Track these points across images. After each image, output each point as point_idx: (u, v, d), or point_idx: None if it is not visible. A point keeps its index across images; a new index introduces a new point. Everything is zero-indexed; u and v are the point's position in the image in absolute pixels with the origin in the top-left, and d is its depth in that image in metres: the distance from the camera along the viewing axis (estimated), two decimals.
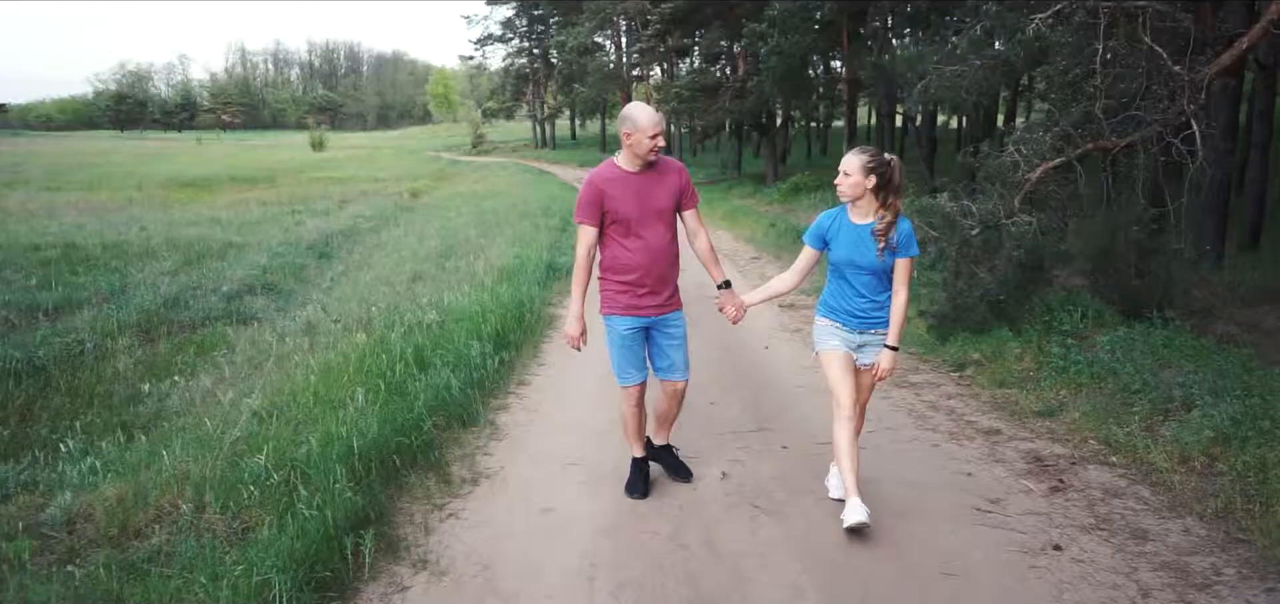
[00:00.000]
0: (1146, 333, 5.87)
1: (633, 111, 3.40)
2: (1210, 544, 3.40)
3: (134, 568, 2.98)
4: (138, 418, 5.34)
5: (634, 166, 3.47)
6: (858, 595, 3.01)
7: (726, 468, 4.08)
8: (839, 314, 3.50)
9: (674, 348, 3.66)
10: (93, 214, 24.02)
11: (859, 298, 3.44)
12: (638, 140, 3.39)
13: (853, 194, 3.35)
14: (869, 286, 3.42)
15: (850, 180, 3.33)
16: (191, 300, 9.57)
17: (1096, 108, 6.69)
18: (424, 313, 6.65)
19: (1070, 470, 4.19)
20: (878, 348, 3.48)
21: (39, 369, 6.17)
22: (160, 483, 3.64)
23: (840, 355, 3.50)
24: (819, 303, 3.63)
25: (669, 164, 3.58)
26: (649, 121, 3.38)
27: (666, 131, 3.64)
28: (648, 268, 3.51)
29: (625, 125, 3.42)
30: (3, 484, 4.02)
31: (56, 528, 3.50)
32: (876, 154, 3.36)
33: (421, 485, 3.71)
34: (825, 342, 3.54)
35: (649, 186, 3.48)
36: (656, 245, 3.50)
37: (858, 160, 3.34)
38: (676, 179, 3.56)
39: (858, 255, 3.38)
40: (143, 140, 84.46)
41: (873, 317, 3.45)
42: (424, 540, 3.22)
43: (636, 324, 3.58)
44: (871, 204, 3.36)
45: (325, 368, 5.08)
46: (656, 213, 3.49)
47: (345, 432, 3.71)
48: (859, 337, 3.49)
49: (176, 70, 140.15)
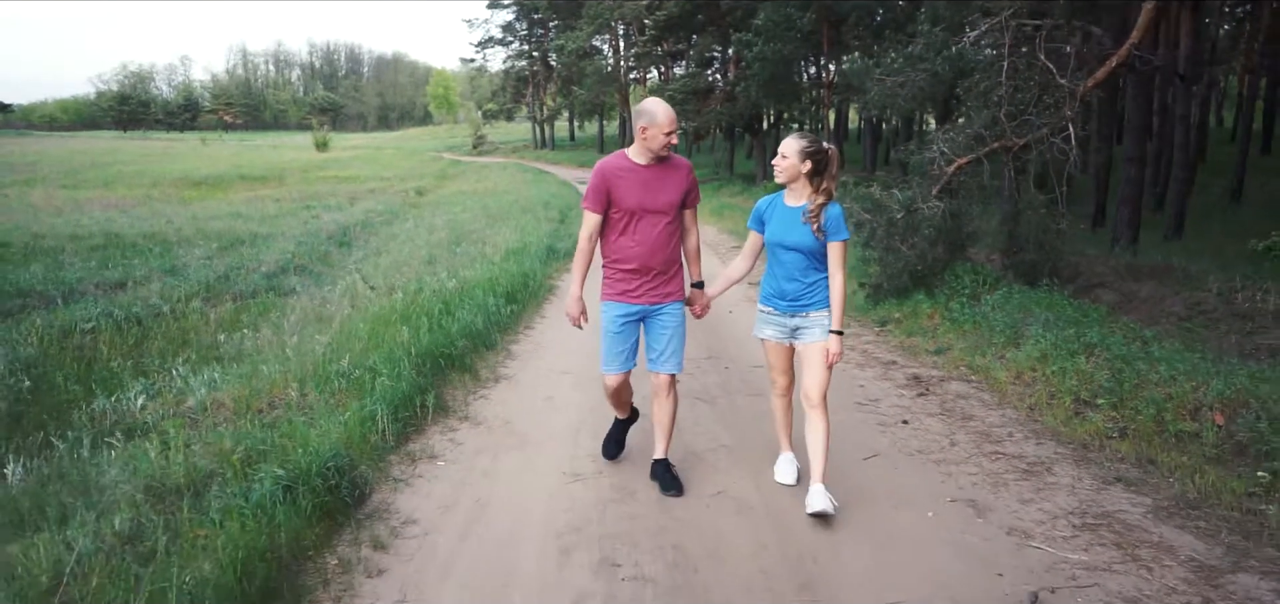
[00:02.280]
0: (1032, 295, 7.30)
1: (650, 106, 3.46)
2: (1016, 423, 4.84)
3: (268, 424, 4.41)
4: (224, 355, 6.76)
5: (644, 160, 3.53)
6: (755, 438, 4.44)
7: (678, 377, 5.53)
8: (772, 299, 3.61)
9: (664, 338, 3.70)
10: (116, 210, 25.43)
11: (790, 281, 3.52)
12: (654, 135, 3.44)
13: (787, 176, 3.45)
14: (799, 267, 3.49)
15: (786, 163, 3.42)
16: (237, 278, 10.99)
17: (1001, 113, 8.15)
18: (445, 282, 8.09)
19: (937, 384, 5.65)
20: (814, 330, 3.54)
21: (137, 321, 7.60)
22: (269, 383, 5.07)
23: (774, 344, 3.69)
24: (760, 288, 3.75)
25: (678, 161, 3.64)
26: (666, 117, 3.44)
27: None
28: (646, 259, 3.57)
29: (642, 119, 3.46)
30: (145, 389, 5.44)
31: (198, 412, 4.93)
32: (815, 140, 3.45)
33: (459, 381, 5.19)
34: (762, 329, 3.72)
35: (656, 180, 3.53)
36: (656, 239, 3.56)
37: (796, 145, 3.42)
38: (684, 177, 3.62)
39: (787, 235, 3.47)
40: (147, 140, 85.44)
41: (804, 299, 3.52)
42: (464, 407, 4.70)
43: (629, 312, 3.66)
44: (805, 188, 3.45)
45: (374, 316, 6.52)
46: (661, 207, 3.54)
47: (403, 345, 5.16)
48: (792, 320, 3.57)
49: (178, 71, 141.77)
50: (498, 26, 58.20)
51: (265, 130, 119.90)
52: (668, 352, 3.71)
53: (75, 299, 9.03)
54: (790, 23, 21.97)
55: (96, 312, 7.82)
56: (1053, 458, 4.27)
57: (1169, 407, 4.45)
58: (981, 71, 8.53)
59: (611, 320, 3.68)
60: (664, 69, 40.96)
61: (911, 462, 4.24)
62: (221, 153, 61.83)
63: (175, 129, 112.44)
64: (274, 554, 2.77)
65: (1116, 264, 9.83)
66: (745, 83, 24.33)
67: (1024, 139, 8.01)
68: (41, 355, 6.38)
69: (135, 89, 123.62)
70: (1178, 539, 3.37)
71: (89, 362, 6.35)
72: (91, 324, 7.28)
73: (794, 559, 3.19)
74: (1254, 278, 7.75)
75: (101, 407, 5.27)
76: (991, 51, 8.58)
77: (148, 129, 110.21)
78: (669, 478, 3.84)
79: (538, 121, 60.39)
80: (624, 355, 3.73)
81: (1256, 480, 3.74)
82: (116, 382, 5.81)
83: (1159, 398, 4.54)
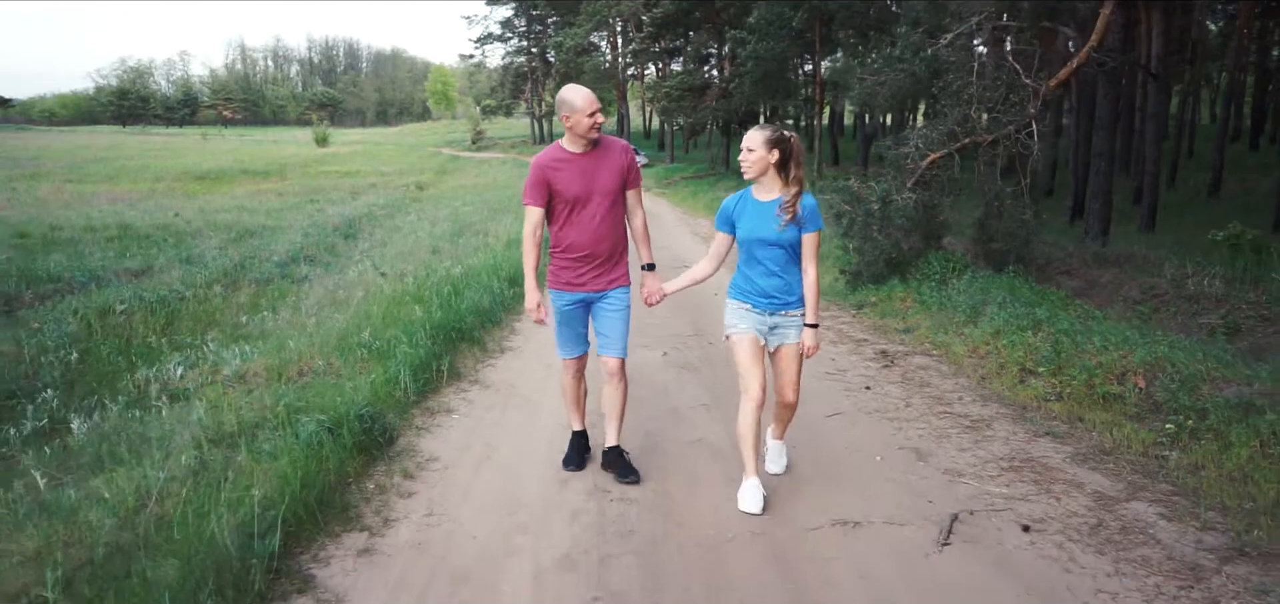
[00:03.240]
0: (996, 279, 7.87)
1: (566, 95, 3.47)
2: (967, 389, 5.42)
3: (301, 387, 4.98)
4: (249, 334, 7.32)
5: (578, 148, 3.52)
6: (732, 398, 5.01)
7: (667, 350, 6.11)
8: (749, 296, 3.49)
9: (611, 324, 3.73)
10: (124, 203, 25.92)
11: (770, 277, 3.42)
12: (577, 121, 3.44)
13: (757, 170, 3.36)
14: (778, 262, 3.41)
15: (754, 156, 3.35)
16: (251, 266, 11.55)
17: (971, 111, 8.73)
18: (451, 268, 8.65)
19: (902, 358, 6.22)
20: (790, 331, 3.50)
21: (164, 303, 8.16)
22: (296, 353, 5.63)
23: (749, 339, 3.49)
24: (730, 286, 3.61)
25: (614, 144, 3.63)
26: (583, 101, 3.43)
27: (659, 128, 4.54)
28: (593, 246, 3.57)
29: (562, 109, 3.47)
30: (182, 361, 6.00)
31: (234, 379, 5.50)
32: (777, 129, 3.40)
33: (469, 351, 5.77)
34: (736, 325, 3.53)
35: (593, 166, 3.52)
36: (601, 225, 3.56)
37: (760, 136, 3.36)
38: (621, 158, 3.60)
39: (763, 231, 3.38)
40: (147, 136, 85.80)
41: (783, 297, 3.45)
42: (475, 373, 5.29)
43: (576, 299, 3.68)
44: (774, 180, 3.39)
45: (389, 297, 7.09)
46: (602, 192, 3.54)
47: (418, 320, 5.73)
48: (770, 318, 3.48)
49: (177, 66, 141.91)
50: (497, 23, 58.80)
51: (264, 126, 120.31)
52: (614, 335, 3.74)
53: (102, 285, 9.59)
54: (783, 21, 22.54)
55: (127, 295, 8.39)
56: (994, 417, 4.85)
57: (1099, 373, 5.03)
58: (954, 72, 9.10)
59: (561, 308, 3.73)
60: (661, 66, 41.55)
61: (869, 419, 4.82)
62: (222, 148, 62.27)
63: (174, 124, 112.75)
64: (323, 477, 3.34)
65: (1083, 253, 10.43)
66: (739, 80, 24.89)
67: (992, 135, 8.60)
68: (84, 332, 6.93)
69: (134, 84, 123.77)
70: (1088, 477, 3.94)
71: (127, 338, 6.91)
72: (124, 306, 7.84)
73: None
74: (1206, 265, 8.33)
75: (144, 376, 5.84)
76: (963, 53, 9.16)
77: (147, 124, 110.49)
78: (623, 465, 3.83)
79: (536, 117, 60.92)
80: (576, 339, 3.81)
81: (1163, 431, 4.31)
82: (154, 355, 6.37)
83: (1091, 365, 5.12)
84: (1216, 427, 4.14)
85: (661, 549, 3.22)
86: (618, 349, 3.77)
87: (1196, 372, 4.66)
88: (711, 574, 3.04)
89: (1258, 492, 3.62)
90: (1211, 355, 4.88)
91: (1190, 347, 5.05)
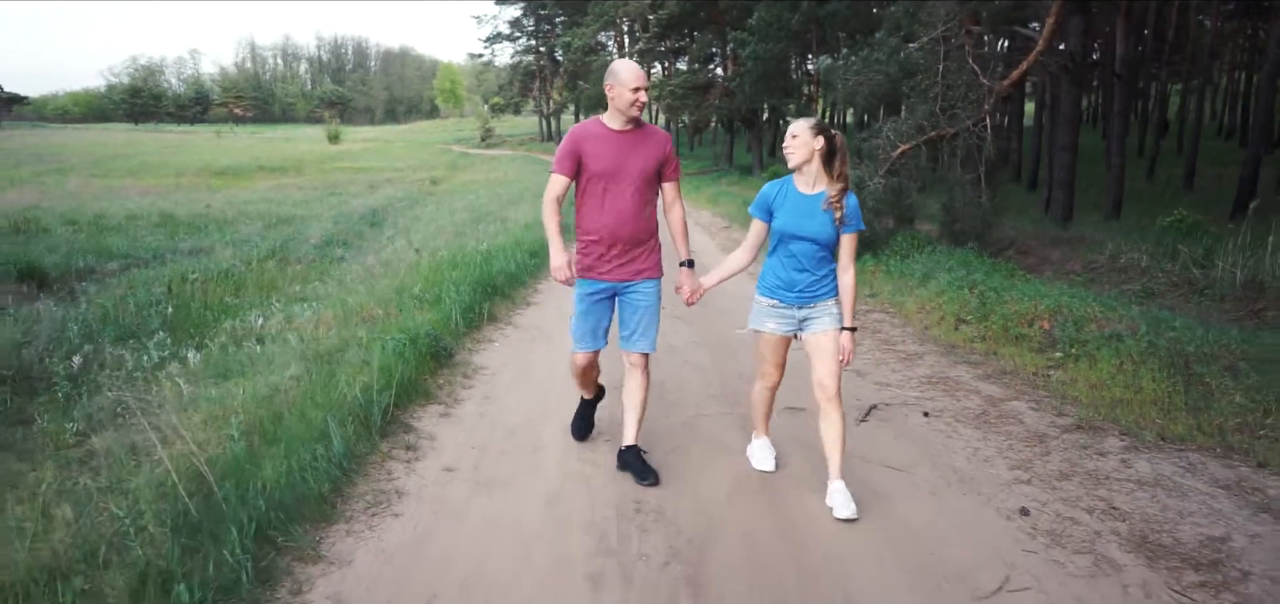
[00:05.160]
0: (953, 254, 9.03)
1: (615, 66, 3.37)
2: (911, 335, 6.60)
3: (369, 327, 6.18)
4: (308, 296, 8.53)
5: (618, 124, 3.43)
6: (713, 341, 6.20)
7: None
8: (778, 290, 3.39)
9: (637, 317, 3.57)
10: (153, 196, 27.18)
11: (802, 272, 3.33)
12: (619, 94, 3.34)
13: (803, 156, 3.26)
14: (811, 258, 3.31)
15: (799, 142, 3.26)
16: (292, 248, 12.77)
17: (936, 107, 9.90)
18: (478, 244, 9.86)
19: (862, 314, 7.39)
20: (823, 319, 3.37)
21: (229, 273, 9.39)
22: (357, 306, 6.84)
23: (776, 339, 3.45)
24: (758, 280, 3.51)
25: (655, 131, 3.53)
26: (630, 75, 3.32)
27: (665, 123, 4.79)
28: (614, 229, 3.44)
29: (608, 80, 3.38)
30: (260, 314, 7.21)
31: (299, 335, 6.70)
32: (820, 120, 3.36)
33: (501, 304, 7.00)
34: (762, 322, 3.46)
35: (629, 147, 3.41)
36: (628, 209, 3.43)
37: (805, 123, 3.30)
38: (660, 147, 3.49)
39: (802, 226, 3.28)
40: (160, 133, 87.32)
41: (814, 290, 3.35)
42: (508, 318, 6.54)
43: (600, 288, 3.53)
44: (819, 172, 3.29)
45: (428, 266, 8.30)
46: (633, 175, 3.41)
47: (459, 278, 6.94)
48: (800, 311, 3.38)
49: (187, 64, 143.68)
50: (506, 22, 60.07)
51: (274, 123, 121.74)
52: (640, 330, 3.57)
53: (165, 261, 10.83)
54: (781, 23, 23.69)
55: (195, 268, 9.63)
56: (926, 352, 6.03)
57: (1013, 319, 6.20)
58: (923, 73, 10.28)
59: (580, 297, 3.57)
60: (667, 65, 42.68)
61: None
62: (236, 145, 63.68)
63: (186, 122, 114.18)
64: (407, 372, 4.55)
65: (1042, 235, 11.60)
66: (741, 79, 26.05)
67: (954, 129, 9.77)
68: (171, 294, 8.16)
69: (146, 82, 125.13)
70: (985, 387, 5.13)
71: (205, 301, 8.12)
72: (196, 275, 9.06)
73: (732, 398, 4.95)
74: (1142, 244, 9.48)
75: (230, 325, 7.05)
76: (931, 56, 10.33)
77: (159, 122, 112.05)
78: (642, 467, 3.63)
79: (544, 115, 62.15)
80: (594, 334, 3.61)
81: (1052, 358, 5.49)
82: (233, 311, 7.58)
83: (1009, 314, 6.29)
84: (1091, 352, 5.31)
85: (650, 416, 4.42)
86: (643, 344, 3.59)
87: (1086, 314, 5.84)
88: (691, 435, 4.23)
89: (1108, 393, 4.80)
90: (1101, 302, 6.06)
91: (1085, 296, 6.23)
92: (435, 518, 3.21)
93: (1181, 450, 4.04)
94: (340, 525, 3.08)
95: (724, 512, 3.40)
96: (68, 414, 4.72)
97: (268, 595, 2.62)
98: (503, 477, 3.62)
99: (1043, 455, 4.03)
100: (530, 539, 3.10)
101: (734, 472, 3.81)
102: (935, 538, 3.19)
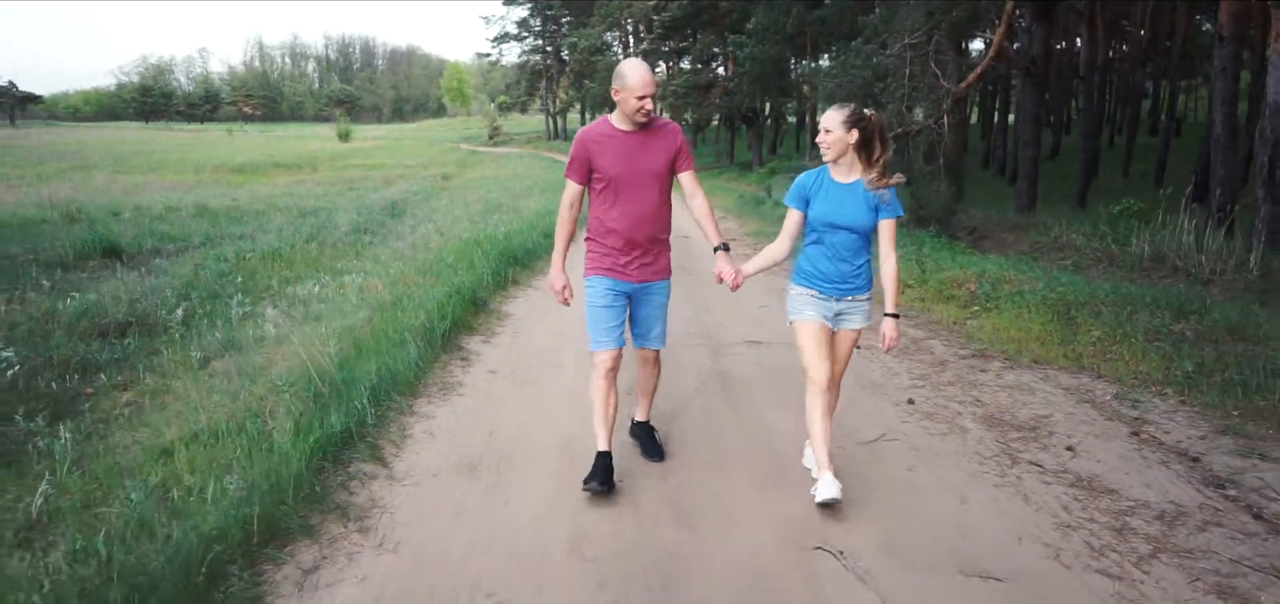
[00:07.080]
0: (914, 236, 10.32)
1: (622, 69, 3.33)
2: None
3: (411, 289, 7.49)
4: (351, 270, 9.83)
5: (625, 125, 3.38)
6: (706, 302, 7.49)
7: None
8: (815, 281, 3.36)
9: (654, 317, 3.62)
10: (178, 191, 28.42)
11: (839, 262, 3.30)
12: (625, 99, 3.30)
13: (836, 151, 3.23)
14: (849, 248, 3.29)
15: (832, 137, 3.22)
16: (324, 235, 14.09)
17: (903, 106, 11.18)
18: (497, 227, 11.18)
19: None
20: (855, 317, 3.40)
21: (278, 253, 10.71)
22: (400, 274, 8.15)
23: (815, 326, 3.36)
24: (794, 271, 3.47)
25: (664, 125, 3.47)
26: (637, 80, 3.27)
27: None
28: (631, 232, 3.41)
29: (615, 82, 3.33)
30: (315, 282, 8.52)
31: (356, 294, 8.01)
32: (855, 109, 3.25)
33: (522, 273, 8.33)
34: (800, 312, 3.40)
35: (639, 146, 3.37)
36: (643, 209, 3.40)
37: (837, 115, 3.23)
38: (671, 141, 3.44)
39: (839, 214, 3.25)
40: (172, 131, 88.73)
41: (851, 281, 3.33)
42: (529, 282, 7.92)
43: (617, 287, 3.50)
44: (855, 161, 3.25)
45: (456, 245, 9.61)
46: (646, 175, 3.38)
47: (486, 251, 8.25)
48: (836, 304, 3.36)
49: (196, 63, 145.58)
50: (513, 22, 61.44)
51: (282, 121, 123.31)
52: (654, 328, 3.65)
53: (216, 244, 12.15)
54: (777, 26, 24.96)
55: (246, 248, 10.95)
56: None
57: (947, 283, 7.49)
58: (892, 75, 11.57)
59: (599, 295, 3.51)
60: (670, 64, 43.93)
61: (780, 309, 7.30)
62: (249, 143, 64.92)
63: (196, 120, 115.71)
64: (454, 312, 5.87)
65: (1003, 221, 12.89)
66: (740, 79, 27.33)
67: (918, 126, 11.06)
68: (238, 265, 9.48)
69: (156, 81, 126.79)
70: (913, 332, 6.41)
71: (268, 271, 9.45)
72: (251, 253, 10.38)
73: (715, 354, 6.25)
74: (1082, 228, 10.75)
75: (292, 291, 8.36)
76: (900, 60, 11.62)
77: (169, 120, 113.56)
78: (651, 443, 3.82)
79: (551, 114, 63.48)
80: (613, 330, 3.53)
81: (968, 311, 6.78)
82: (292, 279, 8.90)
83: (944, 279, 7.58)
84: (1001, 304, 6.60)
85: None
86: (657, 342, 3.70)
87: (1003, 277, 7.13)
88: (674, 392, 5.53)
89: (1005, 333, 6.09)
90: (1016, 268, 7.35)
91: (1004, 264, 7.51)
92: (487, 398, 4.55)
93: (1046, 368, 5.33)
94: (423, 399, 4.42)
95: (690, 400, 4.70)
96: (186, 349, 6.03)
97: (384, 429, 3.94)
98: (533, 377, 4.97)
99: (939, 372, 5.33)
100: (554, 409, 4.42)
101: (698, 372, 5.11)
102: (840, 418, 4.48)
